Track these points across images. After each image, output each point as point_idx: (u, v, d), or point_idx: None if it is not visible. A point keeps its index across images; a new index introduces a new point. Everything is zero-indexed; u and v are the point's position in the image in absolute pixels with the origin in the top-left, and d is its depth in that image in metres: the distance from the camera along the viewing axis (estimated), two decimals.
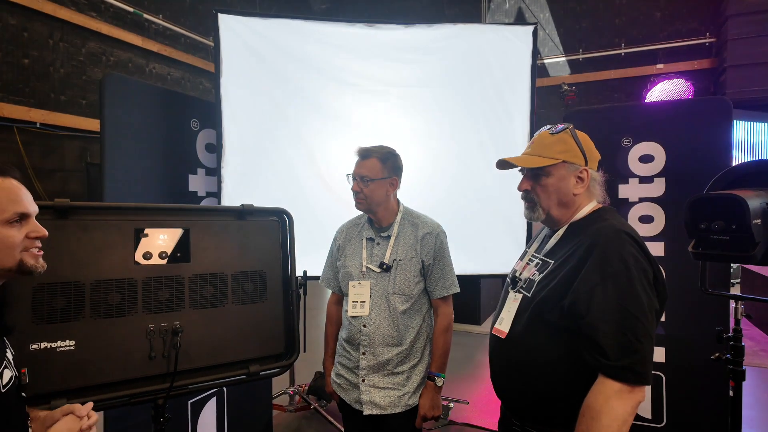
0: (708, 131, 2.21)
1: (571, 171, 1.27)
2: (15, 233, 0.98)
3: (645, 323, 1.08)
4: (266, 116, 2.70)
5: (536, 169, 1.29)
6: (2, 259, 0.97)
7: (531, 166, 1.30)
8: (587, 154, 1.28)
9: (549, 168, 1.27)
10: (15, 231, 0.98)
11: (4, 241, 0.97)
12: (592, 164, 1.29)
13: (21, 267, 1.00)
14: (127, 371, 1.42)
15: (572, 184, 1.27)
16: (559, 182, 1.27)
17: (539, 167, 1.28)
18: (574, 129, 1.31)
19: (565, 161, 1.26)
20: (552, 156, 1.27)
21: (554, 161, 1.26)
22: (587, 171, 1.27)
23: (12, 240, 0.98)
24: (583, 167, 1.27)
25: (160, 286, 1.47)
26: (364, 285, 1.78)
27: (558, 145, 1.28)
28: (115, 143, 2.11)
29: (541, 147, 1.30)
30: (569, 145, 1.27)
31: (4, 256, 0.97)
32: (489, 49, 2.79)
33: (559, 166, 1.27)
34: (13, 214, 0.98)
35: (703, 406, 2.19)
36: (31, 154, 5.72)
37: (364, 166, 1.77)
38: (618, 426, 1.04)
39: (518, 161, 1.32)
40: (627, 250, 1.13)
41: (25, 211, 1.00)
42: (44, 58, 5.85)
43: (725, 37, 7.00)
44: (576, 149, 1.27)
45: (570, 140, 1.28)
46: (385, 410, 1.73)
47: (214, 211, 1.79)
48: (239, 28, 2.61)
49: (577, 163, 1.27)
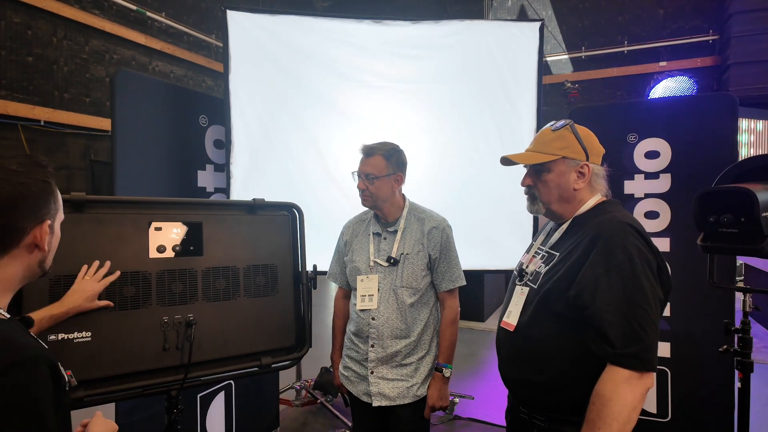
0: (714, 127, 2.22)
1: (571, 166, 1.28)
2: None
3: (649, 312, 1.11)
4: (274, 112, 2.72)
5: (537, 165, 1.31)
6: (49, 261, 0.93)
7: (531, 162, 1.32)
8: (588, 149, 1.29)
9: (549, 164, 1.29)
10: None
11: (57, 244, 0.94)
12: (595, 159, 1.31)
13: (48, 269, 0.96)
14: (142, 363, 1.44)
15: (573, 180, 1.29)
16: (559, 178, 1.29)
17: (540, 163, 1.30)
18: (575, 125, 1.33)
19: (565, 157, 1.28)
20: (552, 152, 1.29)
21: (554, 157, 1.28)
22: (588, 166, 1.29)
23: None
24: (583, 162, 1.28)
25: (174, 278, 1.49)
26: (372, 279, 1.80)
27: (558, 142, 1.30)
28: (125, 139, 2.13)
29: (542, 143, 1.32)
30: (569, 141, 1.29)
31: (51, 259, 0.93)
32: (495, 46, 2.80)
33: (559, 162, 1.29)
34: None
35: (709, 400, 2.21)
36: (36, 151, 5.74)
37: (368, 163, 1.79)
38: (628, 412, 1.06)
39: (519, 158, 1.35)
40: (630, 242, 1.15)
41: None
42: (48, 56, 5.87)
43: (728, 34, 7.01)
44: (576, 145, 1.29)
45: (570, 136, 1.30)
46: (394, 401, 1.76)
47: (226, 206, 1.80)
48: (248, 25, 2.62)
49: (577, 159, 1.28)
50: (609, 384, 1.08)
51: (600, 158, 1.33)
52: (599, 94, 8.18)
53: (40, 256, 0.89)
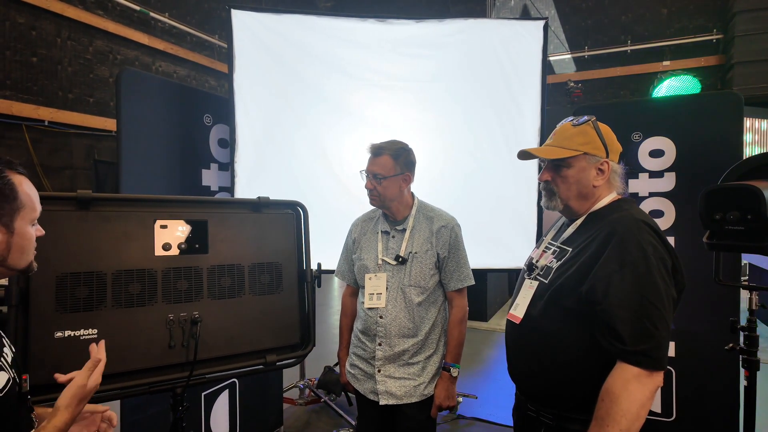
0: (719, 125, 2.21)
1: (591, 163, 1.27)
2: (33, 233, 0.96)
3: (662, 310, 1.10)
4: (278, 111, 2.72)
5: (557, 160, 1.30)
6: (23, 259, 0.93)
7: (552, 157, 1.30)
8: (609, 146, 1.28)
9: (570, 159, 1.28)
10: (33, 230, 0.96)
11: (30, 241, 0.94)
12: (614, 156, 1.30)
13: (29, 267, 0.97)
14: (148, 360, 1.43)
15: (592, 176, 1.28)
16: (579, 174, 1.28)
17: (560, 158, 1.29)
18: (597, 121, 1.32)
19: (586, 153, 1.27)
20: (573, 147, 1.27)
21: (576, 153, 1.27)
22: (608, 163, 1.28)
23: (33, 240, 0.95)
24: (604, 159, 1.27)
25: (179, 276, 1.49)
26: (380, 277, 1.80)
27: (580, 137, 1.28)
28: (130, 137, 2.13)
29: (563, 138, 1.31)
30: (591, 137, 1.28)
31: (26, 256, 0.94)
32: (500, 44, 2.80)
33: (580, 158, 1.27)
34: (39, 213, 0.95)
35: (713, 399, 2.20)
36: (40, 151, 5.76)
37: (376, 163, 1.78)
38: (637, 410, 1.06)
39: (540, 152, 1.34)
40: (646, 239, 1.14)
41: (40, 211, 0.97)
42: (52, 57, 5.89)
43: (732, 33, 6.98)
44: (597, 141, 1.28)
45: (592, 132, 1.28)
46: (401, 400, 1.76)
47: (231, 204, 1.80)
48: (252, 24, 2.62)
49: (598, 155, 1.27)
50: (618, 381, 1.08)
51: (618, 156, 1.32)
52: (602, 94, 8.16)
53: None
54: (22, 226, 0.92)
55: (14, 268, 0.93)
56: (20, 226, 0.91)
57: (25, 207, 0.91)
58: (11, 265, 0.92)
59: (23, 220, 0.92)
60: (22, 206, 0.91)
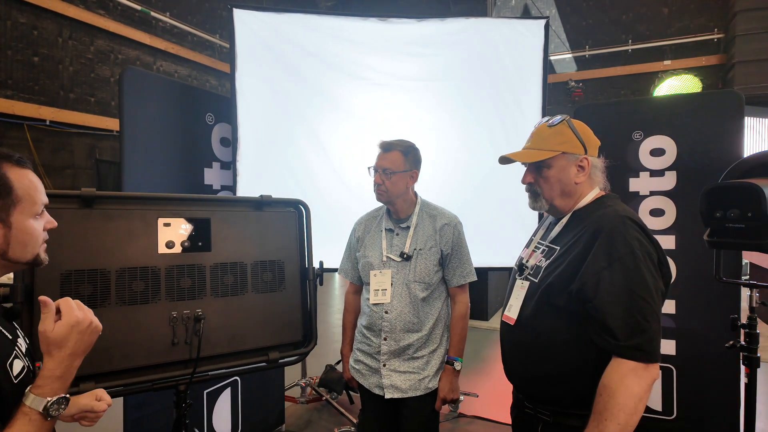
0: (719, 124, 2.21)
1: (571, 161, 1.29)
2: (39, 226, 0.95)
3: (652, 304, 1.12)
4: (280, 110, 2.73)
5: (537, 162, 1.32)
6: (26, 252, 0.93)
7: (531, 160, 1.33)
8: (586, 142, 1.30)
9: (549, 160, 1.30)
10: (39, 224, 0.95)
11: (33, 235, 0.93)
12: (592, 151, 1.32)
13: (36, 260, 0.96)
14: (151, 357, 1.44)
15: (573, 174, 1.30)
16: (560, 173, 1.30)
17: (540, 160, 1.31)
18: (571, 119, 1.34)
19: (564, 152, 1.29)
20: (551, 148, 1.30)
21: (554, 153, 1.29)
22: (587, 159, 1.30)
23: (39, 233, 0.95)
24: (582, 156, 1.30)
25: (183, 274, 1.50)
26: (385, 274, 1.83)
27: (556, 137, 1.30)
28: (133, 136, 2.14)
29: (540, 140, 1.33)
30: (567, 135, 1.30)
31: (30, 249, 0.93)
32: (501, 43, 2.80)
33: (559, 157, 1.29)
34: (41, 206, 0.94)
35: (714, 398, 2.20)
36: (42, 151, 5.78)
37: (386, 158, 1.81)
38: (634, 403, 1.07)
39: (518, 156, 1.36)
40: (631, 234, 1.16)
41: (47, 203, 0.97)
42: (54, 56, 5.91)
43: (733, 32, 6.98)
44: (574, 139, 1.30)
45: (567, 131, 1.31)
46: (406, 393, 1.79)
47: (234, 202, 1.81)
48: (254, 23, 2.63)
49: (576, 153, 1.29)
50: (615, 376, 1.10)
51: (597, 150, 1.34)
52: (603, 93, 8.17)
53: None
54: (21, 220, 0.90)
55: (18, 261, 0.92)
56: (18, 221, 0.90)
57: (22, 201, 0.90)
58: (14, 258, 0.91)
59: (21, 214, 0.90)
60: (18, 201, 0.90)
